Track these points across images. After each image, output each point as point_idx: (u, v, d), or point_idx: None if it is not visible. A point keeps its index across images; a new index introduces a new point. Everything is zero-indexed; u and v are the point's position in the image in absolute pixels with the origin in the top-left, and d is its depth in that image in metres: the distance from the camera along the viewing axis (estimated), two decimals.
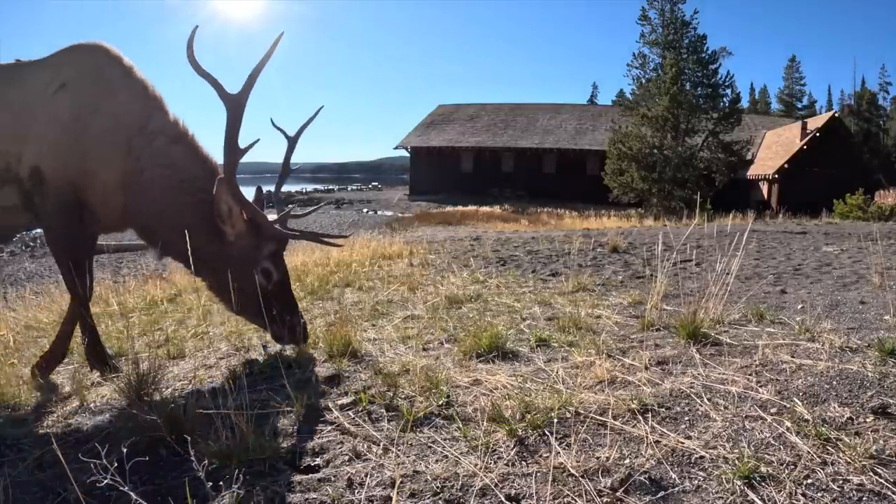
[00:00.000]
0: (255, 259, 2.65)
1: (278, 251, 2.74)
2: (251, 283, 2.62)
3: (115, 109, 2.59)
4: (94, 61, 2.65)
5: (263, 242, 2.66)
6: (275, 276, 2.68)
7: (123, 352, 2.88)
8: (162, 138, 2.60)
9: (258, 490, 1.56)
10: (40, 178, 2.55)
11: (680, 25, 24.75)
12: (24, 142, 2.56)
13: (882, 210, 15.77)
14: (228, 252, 2.62)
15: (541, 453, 1.66)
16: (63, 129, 2.55)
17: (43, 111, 2.57)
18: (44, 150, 2.55)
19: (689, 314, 2.65)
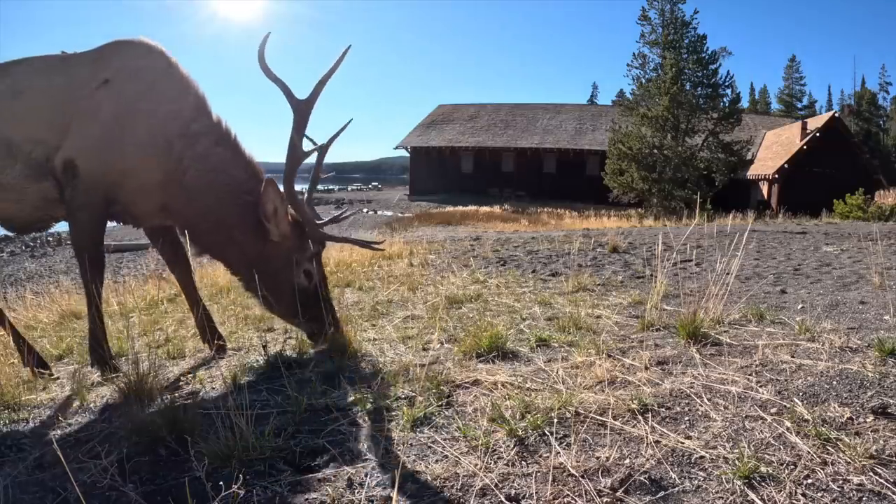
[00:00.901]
0: (299, 260, 2.67)
1: (319, 253, 2.77)
2: (291, 284, 2.64)
3: (158, 109, 2.60)
4: (138, 58, 2.66)
5: (307, 244, 2.68)
6: (315, 277, 2.70)
7: (123, 352, 2.88)
8: (205, 140, 2.61)
9: (258, 490, 1.56)
10: (74, 172, 2.56)
11: (680, 25, 24.75)
12: (63, 135, 2.57)
13: (882, 210, 15.77)
14: (272, 252, 2.63)
15: (541, 453, 1.66)
16: (102, 125, 2.56)
17: (84, 106, 2.58)
18: (81, 145, 2.56)
19: (689, 314, 2.65)
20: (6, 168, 2.61)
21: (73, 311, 4.30)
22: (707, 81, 24.17)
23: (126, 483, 1.62)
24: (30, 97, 2.62)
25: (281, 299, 2.66)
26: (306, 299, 2.65)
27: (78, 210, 2.62)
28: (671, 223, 14.88)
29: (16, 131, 2.60)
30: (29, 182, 2.63)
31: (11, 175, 2.62)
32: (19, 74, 2.69)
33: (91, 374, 2.69)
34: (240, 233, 2.61)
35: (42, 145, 2.59)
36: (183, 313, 3.89)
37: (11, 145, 2.60)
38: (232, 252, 2.72)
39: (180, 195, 2.62)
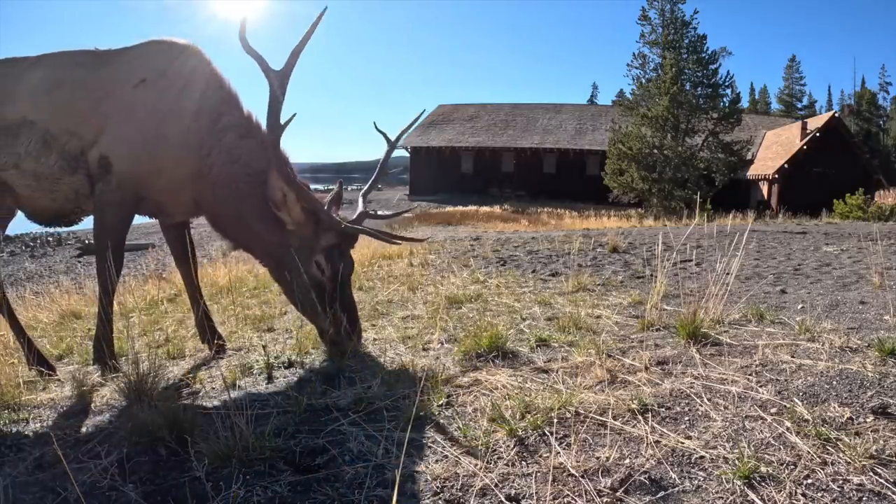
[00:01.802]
0: (312, 249, 2.63)
1: (340, 246, 2.67)
2: (304, 275, 2.62)
3: (191, 108, 2.63)
4: (174, 58, 2.69)
5: (322, 233, 2.63)
6: (327, 270, 2.62)
7: (123, 352, 2.87)
8: (231, 134, 2.63)
9: (258, 490, 1.55)
10: (107, 168, 2.59)
11: (680, 25, 24.74)
12: (99, 131, 2.61)
13: (882, 210, 15.77)
14: (288, 241, 2.63)
15: (541, 453, 1.66)
16: (138, 124, 2.60)
17: (121, 104, 2.62)
18: (115, 143, 2.59)
19: (689, 314, 2.65)
20: (41, 157, 2.65)
21: (73, 311, 4.30)
22: (707, 81, 24.16)
23: (126, 483, 1.62)
24: (68, 90, 2.66)
25: (297, 291, 2.65)
26: (319, 294, 2.60)
27: (106, 206, 2.65)
28: (671, 223, 14.88)
29: (53, 122, 2.64)
30: (63, 173, 2.67)
31: (46, 165, 2.66)
32: (57, 67, 2.72)
33: (91, 374, 2.69)
34: (259, 223, 2.63)
35: (76, 138, 2.62)
36: (183, 313, 3.89)
37: (48, 136, 2.64)
38: (255, 243, 2.74)
39: (208, 189, 2.65)
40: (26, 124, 2.65)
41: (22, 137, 2.65)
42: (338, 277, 2.65)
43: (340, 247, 2.68)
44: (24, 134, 2.65)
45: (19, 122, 2.66)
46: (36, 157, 2.65)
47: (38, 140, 2.64)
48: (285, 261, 2.63)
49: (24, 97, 2.68)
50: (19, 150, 2.66)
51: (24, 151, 2.66)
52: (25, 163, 2.67)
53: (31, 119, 2.65)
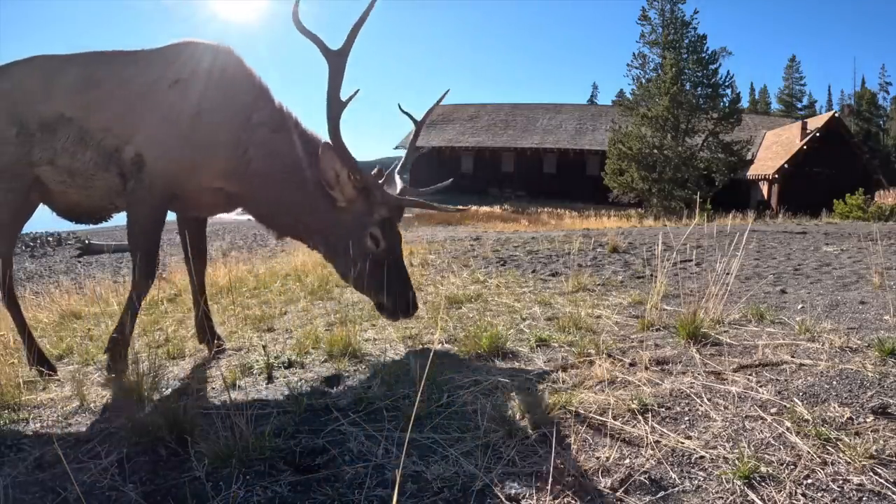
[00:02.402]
0: (366, 224, 2.68)
1: (391, 219, 2.75)
2: (360, 249, 2.67)
3: (225, 107, 2.67)
4: (207, 59, 2.71)
5: (375, 207, 2.68)
6: (382, 242, 2.69)
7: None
8: (264, 129, 2.67)
9: (258, 490, 1.56)
10: (140, 166, 2.62)
11: (680, 25, 24.74)
12: (134, 129, 2.64)
13: (882, 210, 15.77)
14: (340, 219, 2.68)
15: (541, 453, 1.66)
16: (175, 124, 2.63)
17: (156, 104, 2.65)
18: (150, 141, 2.62)
19: (689, 314, 2.65)
20: (77, 154, 2.67)
21: (73, 311, 4.30)
22: (707, 81, 24.15)
23: (126, 483, 1.62)
24: (104, 88, 2.69)
25: (352, 267, 2.69)
26: (375, 268, 2.65)
27: (138, 203, 2.67)
28: (671, 223, 14.88)
29: (89, 120, 2.66)
30: (97, 170, 2.69)
31: (82, 161, 2.68)
32: (92, 65, 2.75)
33: (91, 374, 2.69)
34: (306, 209, 2.68)
35: (112, 135, 2.65)
36: (183, 313, 3.89)
37: (84, 132, 2.66)
38: (304, 228, 2.79)
39: (247, 184, 2.70)
40: (63, 121, 2.68)
41: (59, 133, 2.68)
42: (395, 249, 2.75)
43: (391, 220, 2.75)
44: (61, 130, 2.68)
45: (56, 119, 2.68)
46: (72, 153, 2.68)
47: (75, 137, 2.67)
48: (337, 240, 2.68)
49: (60, 94, 2.70)
50: (56, 146, 2.69)
51: (60, 147, 2.69)
52: (61, 159, 2.70)
53: (68, 116, 2.68)
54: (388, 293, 2.66)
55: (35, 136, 2.70)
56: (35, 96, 2.72)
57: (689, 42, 24.43)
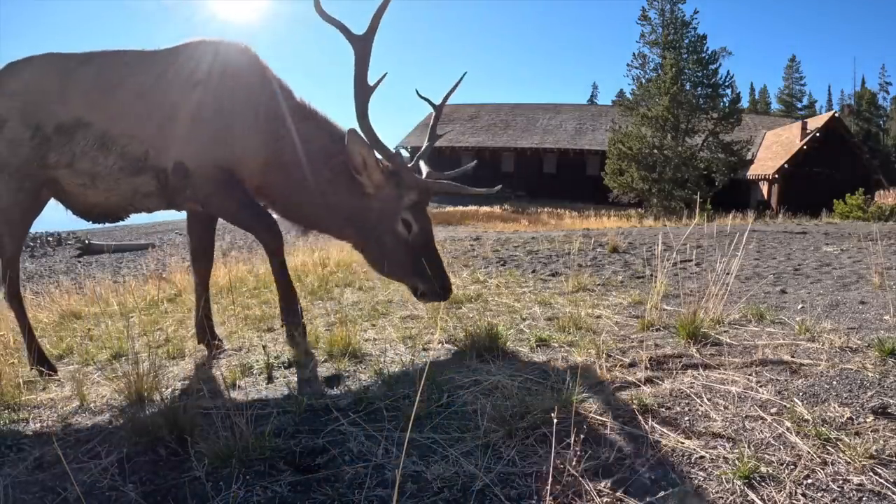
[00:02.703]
0: (396, 209, 2.66)
1: (420, 202, 2.72)
2: (392, 235, 2.67)
3: (254, 100, 2.68)
4: (225, 56, 2.73)
5: (404, 192, 2.66)
6: (414, 227, 2.68)
7: (123, 352, 2.88)
8: (294, 118, 2.70)
9: (258, 490, 1.55)
10: (185, 173, 2.63)
11: (680, 25, 24.75)
12: (162, 135, 2.64)
13: (882, 210, 15.78)
14: (369, 205, 2.67)
15: (541, 453, 1.66)
16: (205, 124, 2.63)
17: (183, 105, 2.64)
18: (187, 147, 2.62)
19: (689, 314, 2.65)
20: (98, 159, 2.65)
21: (73, 311, 4.30)
22: (707, 81, 24.17)
23: (126, 483, 1.62)
24: (126, 93, 2.67)
25: (384, 254, 2.69)
26: (409, 252, 2.66)
27: (212, 198, 2.70)
28: (671, 223, 14.88)
29: (111, 125, 2.64)
30: (123, 174, 2.67)
31: (104, 166, 2.66)
32: (111, 68, 2.73)
33: (91, 373, 2.69)
34: (335, 195, 2.67)
35: (137, 141, 2.63)
36: (183, 313, 3.89)
37: (106, 138, 2.64)
38: (333, 218, 2.77)
39: (279, 174, 2.71)
40: (81, 125, 2.64)
41: (77, 137, 2.65)
42: (427, 233, 2.74)
43: (421, 204, 2.73)
44: (80, 134, 2.65)
45: (73, 123, 2.64)
46: (93, 157, 2.65)
47: (95, 141, 2.64)
48: (368, 227, 2.68)
49: (77, 97, 2.66)
50: (74, 150, 2.65)
51: (79, 151, 2.65)
52: (80, 163, 2.67)
53: (86, 120, 2.64)
54: (424, 277, 2.65)
55: (51, 140, 2.66)
56: (50, 97, 2.67)
57: (689, 42, 24.45)
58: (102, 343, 3.14)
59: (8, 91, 2.70)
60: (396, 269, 2.73)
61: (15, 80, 2.73)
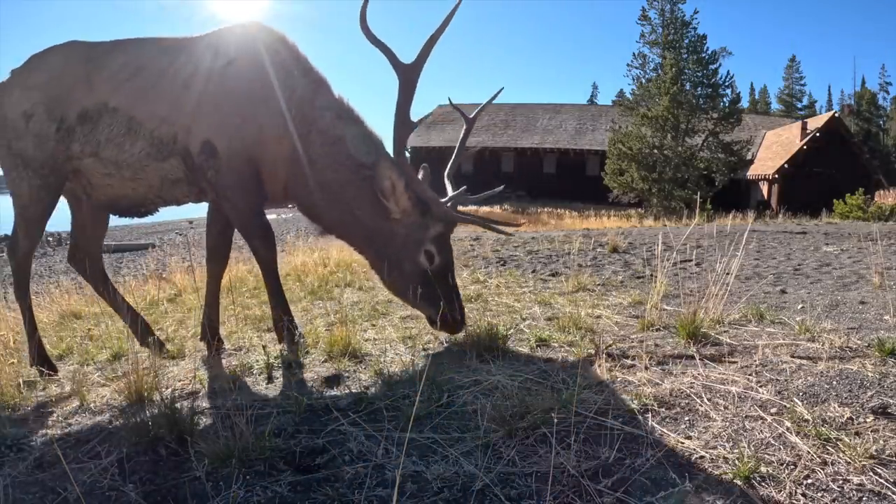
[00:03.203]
0: (420, 239, 2.60)
1: (445, 233, 2.66)
2: (412, 264, 2.60)
3: (286, 85, 2.59)
4: (258, 40, 2.65)
5: (431, 223, 2.60)
6: (437, 259, 2.62)
7: (123, 352, 2.88)
8: (329, 115, 2.61)
9: (258, 490, 1.55)
10: (212, 153, 2.56)
11: (680, 25, 24.77)
12: (192, 115, 2.57)
13: (882, 210, 15.76)
14: (393, 230, 2.60)
15: (541, 453, 1.66)
16: (236, 104, 2.57)
17: (212, 87, 2.58)
18: (216, 125, 2.56)
19: (689, 314, 2.65)
20: (125, 145, 2.61)
21: (73, 311, 4.30)
22: (707, 81, 24.17)
23: (126, 483, 1.62)
24: (154, 76, 2.63)
25: (401, 279, 2.62)
26: (428, 282, 2.59)
27: (228, 190, 2.62)
28: (671, 223, 14.88)
29: (138, 109, 2.60)
30: (149, 160, 2.62)
31: (131, 153, 2.61)
32: (138, 53, 2.69)
33: (91, 373, 2.69)
34: (360, 209, 2.59)
35: (167, 123, 2.58)
36: (183, 313, 3.89)
37: (133, 122, 2.59)
38: (354, 229, 2.71)
39: (305, 171, 2.62)
40: (107, 111, 2.60)
41: (102, 124, 2.61)
42: (448, 265, 2.67)
43: (445, 234, 2.67)
44: (104, 120, 2.60)
45: (98, 109, 2.60)
46: (119, 144, 2.60)
47: (121, 127, 2.59)
48: (387, 249, 2.61)
49: (104, 83, 2.63)
50: (99, 138, 2.61)
51: (104, 139, 2.61)
52: (106, 151, 2.62)
53: (112, 105, 2.60)
54: (438, 307, 2.58)
55: (75, 130, 2.62)
56: (74, 86, 2.63)
57: (689, 42, 24.46)
58: (102, 343, 3.14)
59: (32, 84, 2.67)
60: (411, 296, 2.65)
61: (38, 72, 2.70)
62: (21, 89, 2.69)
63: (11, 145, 2.69)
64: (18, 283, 2.84)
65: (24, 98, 2.66)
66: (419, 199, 2.57)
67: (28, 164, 2.66)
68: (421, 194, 2.57)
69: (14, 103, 2.68)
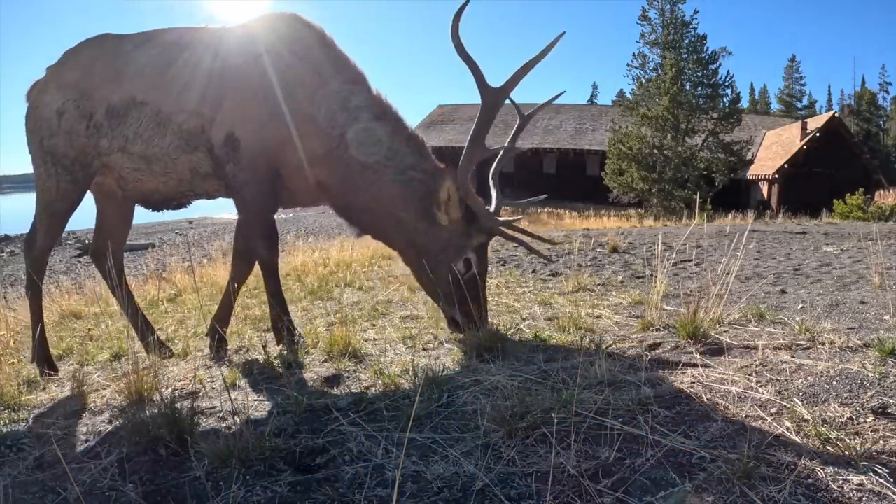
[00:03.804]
0: (462, 247, 2.60)
1: (486, 244, 2.70)
2: (449, 269, 2.60)
3: (317, 83, 2.54)
4: (292, 31, 2.60)
5: (475, 233, 2.61)
6: (475, 268, 2.64)
7: (123, 352, 2.88)
8: (366, 115, 2.55)
9: (258, 490, 1.55)
10: (234, 145, 2.52)
11: (680, 25, 24.78)
12: (218, 107, 2.54)
13: (882, 210, 15.75)
14: (437, 234, 2.59)
15: (541, 453, 1.66)
16: (262, 97, 2.51)
17: (241, 79, 2.54)
18: (240, 118, 2.52)
19: (689, 314, 2.65)
20: (154, 138, 2.59)
21: (73, 311, 4.31)
22: (707, 81, 24.18)
23: (126, 483, 1.62)
24: (183, 68, 2.60)
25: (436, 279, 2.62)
26: (457, 286, 2.60)
27: (244, 185, 2.58)
28: (671, 223, 14.88)
29: (166, 102, 2.58)
30: (179, 153, 2.60)
31: (160, 146, 2.60)
32: (167, 46, 2.66)
33: (91, 374, 2.69)
34: (402, 210, 2.56)
35: (195, 116, 2.56)
36: (183, 313, 3.89)
37: (161, 115, 2.58)
38: (394, 230, 2.68)
39: (340, 171, 2.57)
40: (135, 105, 2.59)
41: (130, 119, 2.59)
42: (482, 275, 2.69)
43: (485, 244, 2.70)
44: (132, 115, 2.59)
45: (126, 104, 2.59)
46: (147, 138, 2.59)
47: (150, 121, 2.58)
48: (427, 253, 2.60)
49: (132, 77, 2.61)
50: (126, 133, 2.60)
51: (132, 134, 2.59)
52: (134, 145, 2.61)
53: (140, 100, 2.58)
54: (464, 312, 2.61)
55: (103, 126, 2.61)
56: (104, 82, 2.62)
57: (689, 42, 24.47)
58: (102, 343, 3.15)
59: (65, 82, 2.68)
60: (438, 296, 2.67)
61: (70, 69, 2.70)
62: (56, 87, 2.70)
63: (44, 142, 2.71)
64: (32, 279, 2.85)
65: (58, 95, 2.68)
66: (469, 209, 2.58)
67: (58, 161, 2.67)
68: (473, 206, 2.57)
69: (49, 102, 2.70)
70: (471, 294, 2.61)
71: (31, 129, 2.77)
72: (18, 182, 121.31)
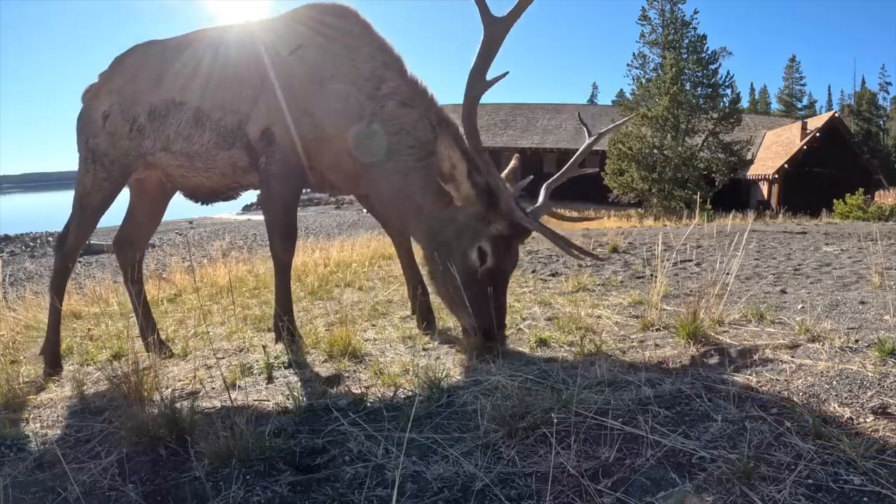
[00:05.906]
0: (478, 232, 2.33)
1: (510, 237, 2.38)
2: (462, 259, 2.34)
3: (350, 73, 2.51)
4: (331, 21, 2.58)
5: (494, 218, 2.32)
6: (490, 261, 2.33)
7: (123, 352, 2.88)
8: (392, 103, 2.48)
9: (258, 490, 1.55)
10: (270, 140, 2.53)
11: (680, 25, 24.79)
12: (254, 102, 2.56)
13: (882, 210, 15.77)
14: (452, 217, 2.37)
15: (541, 453, 1.66)
16: (297, 92, 2.51)
17: (277, 73, 2.54)
18: (277, 113, 2.52)
19: (689, 314, 2.64)
20: (193, 136, 2.65)
21: (73, 310, 4.30)
22: (707, 81, 24.18)
23: (126, 483, 1.62)
24: (218, 66, 2.65)
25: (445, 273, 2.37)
26: (470, 284, 2.31)
27: (273, 178, 2.58)
28: (671, 223, 14.89)
29: (204, 100, 2.62)
30: (218, 150, 2.65)
31: (199, 143, 2.65)
32: (202, 45, 2.72)
33: (91, 373, 2.69)
34: (420, 195, 2.43)
35: (232, 112, 2.60)
36: (183, 313, 3.89)
37: (200, 113, 2.63)
38: (415, 219, 2.53)
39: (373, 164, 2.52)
40: (174, 106, 2.65)
41: (170, 119, 2.66)
42: (503, 273, 2.40)
43: (510, 239, 2.40)
44: (172, 116, 2.65)
45: (166, 105, 2.66)
46: (187, 136, 2.65)
47: (189, 120, 2.64)
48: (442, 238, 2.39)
49: (171, 79, 2.68)
50: (168, 133, 2.67)
51: (173, 133, 2.66)
52: (175, 144, 2.68)
53: (178, 100, 2.65)
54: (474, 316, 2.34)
55: (145, 128, 2.69)
56: (146, 86, 2.71)
57: (689, 42, 24.48)
58: (102, 343, 3.15)
59: (112, 87, 2.80)
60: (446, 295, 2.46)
61: (118, 75, 2.81)
62: (105, 92, 2.83)
63: (88, 141, 2.84)
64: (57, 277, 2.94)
65: (106, 100, 2.80)
66: (486, 188, 2.31)
67: (97, 159, 2.78)
68: (490, 182, 2.30)
69: (97, 106, 2.83)
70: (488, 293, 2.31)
71: (79, 128, 2.93)
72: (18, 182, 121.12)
